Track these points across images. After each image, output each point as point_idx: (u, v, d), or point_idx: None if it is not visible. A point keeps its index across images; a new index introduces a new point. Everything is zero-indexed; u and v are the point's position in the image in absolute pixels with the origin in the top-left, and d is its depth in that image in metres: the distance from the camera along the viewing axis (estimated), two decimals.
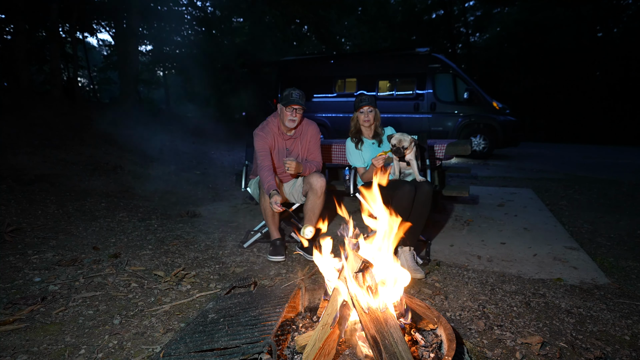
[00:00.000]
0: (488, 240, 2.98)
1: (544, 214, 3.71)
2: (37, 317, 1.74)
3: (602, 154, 9.48)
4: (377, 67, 8.87)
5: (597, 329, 1.68)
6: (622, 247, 2.80)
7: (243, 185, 3.02)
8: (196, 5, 16.48)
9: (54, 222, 3.23)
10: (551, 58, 17.06)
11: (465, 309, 1.86)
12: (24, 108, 6.87)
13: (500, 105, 8.09)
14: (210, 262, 2.52)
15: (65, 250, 2.61)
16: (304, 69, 9.54)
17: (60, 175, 4.68)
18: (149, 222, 3.41)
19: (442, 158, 3.22)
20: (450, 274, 2.32)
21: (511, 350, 1.51)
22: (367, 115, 2.72)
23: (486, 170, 6.67)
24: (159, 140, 8.08)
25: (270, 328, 1.36)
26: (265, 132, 2.62)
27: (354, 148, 2.81)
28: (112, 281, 2.15)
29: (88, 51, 18.19)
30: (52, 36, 8.75)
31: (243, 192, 3.02)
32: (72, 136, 6.32)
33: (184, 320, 1.75)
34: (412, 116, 8.32)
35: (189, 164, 6.82)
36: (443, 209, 3.87)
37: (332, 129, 8.95)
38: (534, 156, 8.91)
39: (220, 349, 1.30)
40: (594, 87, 16.49)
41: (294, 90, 2.55)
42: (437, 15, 22.76)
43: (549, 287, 2.12)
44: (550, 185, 5.12)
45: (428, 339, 1.41)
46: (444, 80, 8.22)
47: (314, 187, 2.55)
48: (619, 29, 17.04)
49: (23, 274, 2.21)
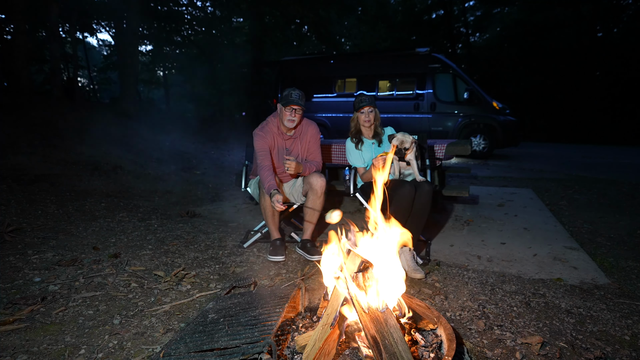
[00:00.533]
0: (488, 240, 2.98)
1: (544, 214, 3.71)
2: (37, 317, 1.74)
3: (602, 154, 9.48)
4: (377, 67, 8.87)
5: (597, 329, 1.68)
6: (622, 247, 2.80)
7: (243, 185, 3.01)
8: (196, 6, 16.50)
9: (54, 222, 3.23)
10: (551, 58, 17.05)
11: (465, 309, 1.86)
12: (24, 108, 6.87)
13: (500, 105, 8.08)
14: (210, 262, 2.52)
15: (65, 250, 2.61)
16: (304, 69, 9.54)
17: (60, 175, 4.68)
18: (149, 222, 3.41)
19: (442, 158, 3.22)
20: (450, 274, 2.32)
21: (511, 350, 1.51)
22: (367, 115, 2.72)
23: (486, 170, 6.67)
24: (158, 140, 8.09)
25: (270, 328, 1.36)
26: (265, 132, 2.62)
27: (354, 148, 2.81)
28: (112, 281, 2.15)
29: (88, 51, 18.21)
30: (52, 36, 8.75)
31: (243, 192, 3.02)
32: (72, 136, 6.32)
33: (184, 320, 1.76)
34: (412, 116, 8.32)
35: (189, 164, 6.82)
36: (443, 209, 3.87)
37: (332, 129, 8.94)
38: (534, 156, 8.91)
39: (220, 349, 1.30)
40: (594, 87, 16.48)
41: (294, 91, 2.55)
42: (437, 15, 22.77)
43: (549, 287, 2.12)
44: (550, 185, 5.12)
45: (428, 339, 1.41)
46: (444, 80, 8.22)
47: (314, 187, 2.55)
48: (619, 29, 17.04)
49: (23, 274, 2.21)
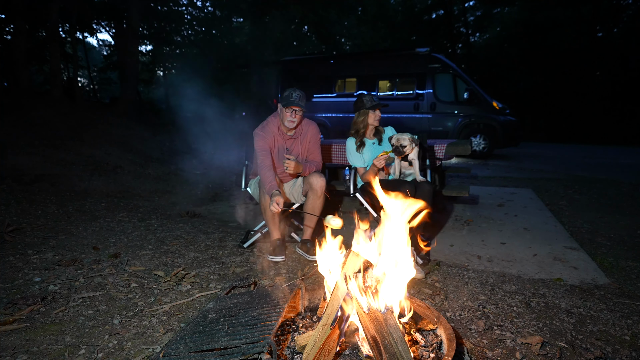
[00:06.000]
0: (488, 240, 2.98)
1: (544, 214, 3.71)
2: (37, 317, 1.74)
3: (602, 154, 9.48)
4: (377, 67, 8.88)
5: (597, 329, 1.68)
6: (622, 247, 2.80)
7: (243, 185, 3.01)
8: (196, 5, 16.50)
9: (54, 222, 3.23)
10: (551, 58, 17.04)
11: (465, 309, 1.86)
12: (24, 108, 6.86)
13: (500, 105, 8.08)
14: (210, 262, 2.52)
15: (65, 250, 2.61)
16: (304, 69, 9.54)
17: (60, 175, 4.68)
18: (149, 222, 3.41)
19: (442, 158, 3.22)
20: (450, 274, 2.32)
21: (511, 350, 1.51)
22: (377, 114, 2.74)
23: (486, 170, 6.67)
24: (158, 140, 8.09)
25: (270, 328, 1.36)
26: (265, 131, 2.62)
27: (354, 148, 2.81)
28: (112, 281, 2.15)
29: (88, 51, 18.19)
30: (52, 36, 8.74)
31: (243, 192, 3.02)
32: (72, 136, 6.32)
33: (184, 320, 1.76)
34: (412, 116, 8.32)
35: (189, 164, 6.82)
36: (443, 209, 3.87)
37: (332, 129, 8.95)
38: (534, 156, 8.91)
39: (220, 349, 1.30)
40: (594, 87, 16.48)
41: (295, 91, 2.54)
42: (437, 15, 22.74)
43: (549, 287, 2.12)
44: (550, 185, 5.12)
45: (428, 339, 1.41)
46: (444, 80, 8.22)
47: (314, 187, 2.55)
48: (619, 29, 17.03)
49: (23, 274, 2.21)
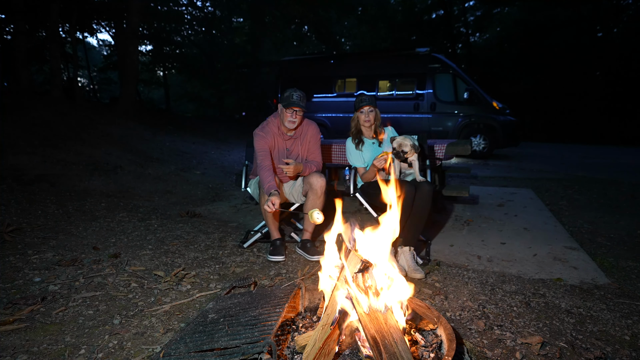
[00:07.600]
0: (488, 240, 2.98)
1: (544, 214, 3.71)
2: (37, 317, 1.74)
3: (602, 154, 9.48)
4: (377, 67, 8.87)
5: (597, 329, 1.68)
6: (622, 247, 2.80)
7: (243, 185, 3.01)
8: (196, 5, 16.50)
9: (54, 222, 3.23)
10: (551, 58, 17.04)
11: (465, 309, 1.86)
12: (24, 108, 6.87)
13: (500, 105, 8.08)
14: (210, 262, 2.52)
15: (65, 250, 2.61)
16: (304, 69, 9.53)
17: (60, 175, 4.68)
18: (149, 222, 3.41)
19: (442, 158, 3.22)
20: (450, 274, 2.32)
21: (511, 350, 1.51)
22: (367, 115, 2.72)
23: (486, 170, 6.67)
24: (158, 140, 8.09)
25: (270, 328, 1.36)
26: (265, 132, 2.62)
27: (354, 148, 2.81)
28: (112, 281, 2.15)
29: (88, 51, 18.20)
30: (52, 36, 8.74)
31: (243, 192, 3.02)
32: (72, 136, 6.32)
33: (184, 320, 1.76)
34: (412, 116, 8.32)
35: (189, 164, 6.82)
36: (443, 209, 3.87)
37: (332, 129, 8.94)
38: (534, 156, 8.91)
39: (220, 349, 1.30)
40: (594, 87, 16.48)
41: (295, 92, 2.54)
42: (437, 15, 22.74)
43: (549, 287, 2.12)
44: (550, 185, 5.12)
45: (428, 339, 1.41)
46: (444, 80, 8.22)
47: (314, 187, 2.55)
48: (619, 29, 17.03)
49: (23, 274, 2.21)
